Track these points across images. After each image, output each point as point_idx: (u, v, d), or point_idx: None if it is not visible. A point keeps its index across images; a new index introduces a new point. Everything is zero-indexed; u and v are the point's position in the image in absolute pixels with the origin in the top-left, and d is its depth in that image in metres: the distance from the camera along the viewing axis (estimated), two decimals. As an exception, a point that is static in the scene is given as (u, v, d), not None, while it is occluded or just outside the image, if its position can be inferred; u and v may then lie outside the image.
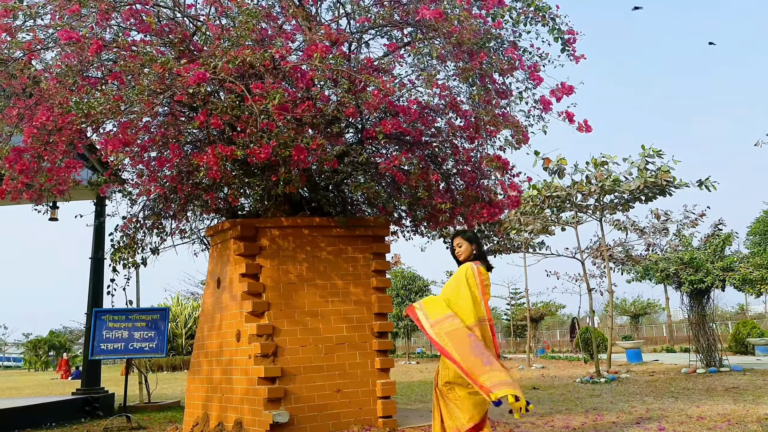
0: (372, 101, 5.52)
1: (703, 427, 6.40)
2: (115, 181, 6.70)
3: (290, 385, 6.02)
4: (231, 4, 5.26)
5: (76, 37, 5.17)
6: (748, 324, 19.62)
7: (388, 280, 6.71)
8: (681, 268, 12.42)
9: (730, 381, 10.96)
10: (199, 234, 7.43)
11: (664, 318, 37.32)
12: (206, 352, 6.86)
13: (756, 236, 21.87)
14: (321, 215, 6.66)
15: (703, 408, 7.87)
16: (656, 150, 14.63)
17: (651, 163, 14.80)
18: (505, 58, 5.81)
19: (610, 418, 7.41)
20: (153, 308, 9.02)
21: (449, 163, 6.99)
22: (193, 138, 6.12)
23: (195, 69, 4.93)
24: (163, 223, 7.22)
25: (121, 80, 5.28)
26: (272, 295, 6.23)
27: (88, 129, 5.70)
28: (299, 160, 5.39)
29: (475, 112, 6.28)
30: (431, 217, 6.77)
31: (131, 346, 8.44)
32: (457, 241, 5.22)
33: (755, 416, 6.94)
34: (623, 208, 16.39)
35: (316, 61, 4.99)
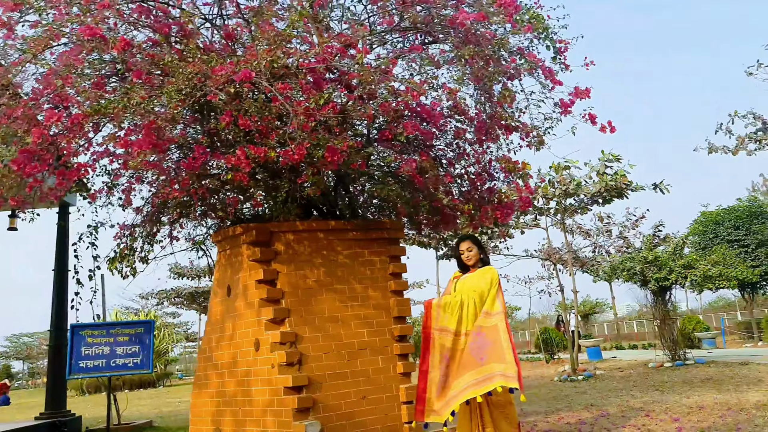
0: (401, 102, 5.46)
1: (712, 415, 6.62)
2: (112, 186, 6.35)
3: (317, 393, 5.83)
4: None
5: (100, 33, 4.86)
6: (693, 319, 20.54)
7: (405, 283, 6.63)
8: (646, 267, 12.87)
9: (701, 373, 11.43)
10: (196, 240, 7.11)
11: (611, 316, 38.64)
12: (215, 364, 6.57)
13: (695, 236, 22.99)
14: (332, 218, 6.51)
15: (695, 398, 8.16)
16: (615, 155, 15.14)
17: (609, 168, 15.32)
18: (528, 62, 5.86)
19: (615, 411, 7.57)
20: (136, 321, 8.62)
21: (457, 166, 6.99)
22: (209, 141, 5.85)
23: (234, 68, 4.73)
24: (160, 230, 6.90)
25: (148, 79, 4.99)
26: (291, 301, 6.03)
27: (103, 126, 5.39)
28: (332, 161, 5.25)
29: (491, 113, 6.31)
30: (446, 219, 6.74)
31: (113, 362, 7.94)
32: (467, 245, 5.26)
33: (750, 404, 7.25)
34: (582, 211, 16.90)
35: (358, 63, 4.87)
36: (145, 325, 8.23)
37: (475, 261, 5.21)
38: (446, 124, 6.65)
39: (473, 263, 5.20)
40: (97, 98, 4.94)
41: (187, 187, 5.63)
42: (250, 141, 5.51)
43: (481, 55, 5.82)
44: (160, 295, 27.02)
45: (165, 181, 5.67)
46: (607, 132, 5.82)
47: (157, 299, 27.71)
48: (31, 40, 4.85)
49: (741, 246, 21.64)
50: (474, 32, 5.86)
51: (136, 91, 4.83)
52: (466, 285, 5.17)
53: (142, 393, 20.61)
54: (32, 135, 5.08)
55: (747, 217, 22.47)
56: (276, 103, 5.07)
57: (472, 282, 5.17)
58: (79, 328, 7.95)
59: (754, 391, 8.34)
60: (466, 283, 5.19)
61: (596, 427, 6.47)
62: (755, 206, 23.66)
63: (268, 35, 5.14)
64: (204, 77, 4.91)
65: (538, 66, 5.89)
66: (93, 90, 4.94)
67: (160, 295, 27.03)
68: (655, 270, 12.89)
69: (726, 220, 22.75)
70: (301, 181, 5.61)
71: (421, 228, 7.24)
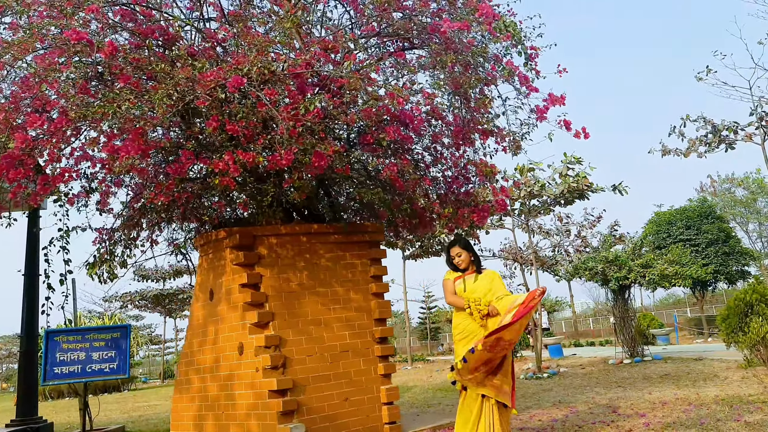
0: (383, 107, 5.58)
1: (675, 411, 6.93)
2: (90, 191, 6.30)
3: (301, 396, 5.91)
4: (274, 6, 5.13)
5: (86, 37, 4.84)
6: (648, 317, 21.22)
7: (386, 285, 6.75)
8: (607, 267, 13.30)
9: (659, 369, 11.87)
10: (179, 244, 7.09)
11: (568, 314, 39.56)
12: (197, 368, 6.57)
13: (649, 236, 23.79)
14: (313, 222, 6.59)
15: (656, 394, 8.50)
16: (576, 157, 15.58)
17: (571, 170, 15.77)
18: (505, 69, 6.05)
19: (584, 409, 7.83)
20: (113, 326, 8.44)
21: (435, 169, 7.15)
22: (195, 146, 5.86)
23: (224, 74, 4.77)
24: (140, 234, 6.86)
25: (136, 83, 4.99)
26: (275, 304, 6.10)
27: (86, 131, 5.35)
28: (318, 166, 5.34)
29: (469, 118, 6.49)
30: (424, 222, 6.89)
31: (89, 368, 7.85)
32: (456, 251, 5.33)
33: (710, 398, 7.60)
34: (545, 212, 17.33)
35: (347, 69, 4.96)
36: (121, 330, 8.15)
37: (467, 264, 5.32)
38: (425, 128, 6.81)
39: (465, 267, 5.31)
40: (83, 103, 4.91)
41: (172, 192, 5.63)
42: (235, 146, 5.55)
43: (461, 62, 6.00)
44: (124, 297, 26.53)
45: (150, 185, 5.66)
46: (581, 137, 6.05)
47: (121, 302, 27.19)
48: (13, 43, 4.79)
49: (692, 245, 22.51)
50: (455, 40, 6.03)
51: (125, 96, 4.83)
52: (478, 289, 5.21)
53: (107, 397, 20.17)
54: (15, 140, 5.03)
55: (698, 217, 23.38)
56: (262, 108, 5.13)
57: (483, 286, 5.22)
58: (53, 334, 7.83)
59: (711, 386, 8.73)
60: (479, 288, 5.22)
61: (568, 424, 6.70)
62: (705, 206, 24.64)
63: (258, 41, 5.19)
64: (192, 82, 4.94)
65: (515, 73, 6.08)
66: (79, 95, 4.91)
67: (124, 297, 26.54)
68: (615, 269, 13.34)
69: (678, 220, 23.62)
70: (286, 185, 5.68)
71: (399, 231, 7.38)
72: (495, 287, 5.16)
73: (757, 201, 42.72)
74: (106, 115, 4.79)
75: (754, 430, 5.26)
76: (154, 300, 26.38)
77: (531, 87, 6.32)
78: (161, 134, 6.05)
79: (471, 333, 5.03)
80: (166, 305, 26.96)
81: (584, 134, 6.06)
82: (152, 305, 27.03)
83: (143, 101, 4.89)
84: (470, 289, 5.23)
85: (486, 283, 5.20)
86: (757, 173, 42.42)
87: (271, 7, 6.33)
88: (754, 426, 5.39)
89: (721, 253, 22.38)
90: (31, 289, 9.40)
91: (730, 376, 9.44)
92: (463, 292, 5.19)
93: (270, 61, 4.87)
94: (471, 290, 5.21)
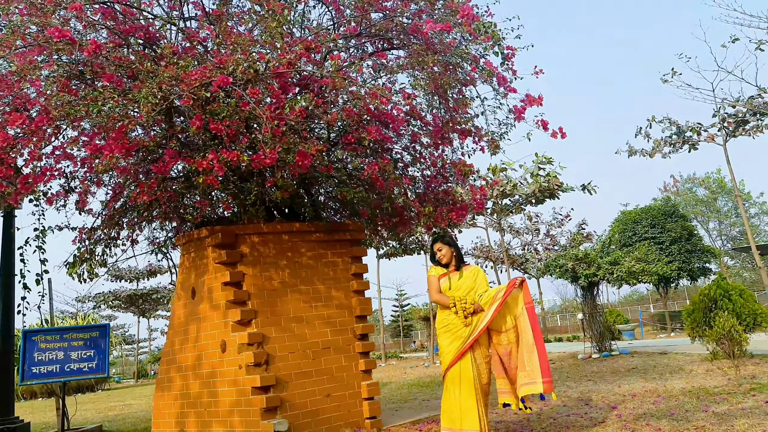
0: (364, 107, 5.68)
1: (645, 402, 7.17)
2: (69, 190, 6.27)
3: (283, 392, 5.98)
4: (257, 7, 5.17)
5: (69, 35, 4.83)
6: (614, 312, 21.74)
7: (367, 283, 6.85)
8: (576, 264, 13.62)
9: (626, 363, 12.20)
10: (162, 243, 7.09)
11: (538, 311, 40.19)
12: (179, 366, 6.59)
13: (616, 235, 24.35)
14: (294, 221, 6.66)
15: (625, 387, 8.77)
16: (547, 157, 15.89)
17: (542, 169, 16.08)
18: (485, 70, 6.19)
19: (557, 402, 8.03)
20: (91, 325, 8.36)
21: (414, 169, 7.28)
22: (178, 145, 5.89)
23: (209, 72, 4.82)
24: (120, 234, 6.84)
25: (119, 82, 5.00)
26: (257, 302, 6.15)
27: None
28: (302, 165, 5.41)
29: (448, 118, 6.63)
30: (404, 221, 7.01)
31: (68, 367, 7.79)
32: (438, 246, 5.39)
33: (677, 390, 7.88)
34: (516, 211, 17.62)
35: (332, 69, 5.05)
36: (100, 329, 8.09)
37: (449, 259, 5.37)
38: (405, 128, 6.92)
39: (447, 262, 5.36)
40: (65, 101, 4.91)
41: (154, 191, 5.65)
42: (217, 145, 5.59)
43: (441, 63, 6.13)
44: (98, 298, 26.13)
45: (132, 184, 5.66)
46: (558, 137, 6.23)
47: (94, 302, 26.77)
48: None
49: (657, 243, 23.11)
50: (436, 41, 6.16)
51: (108, 95, 4.84)
52: (463, 286, 5.28)
53: (82, 397, 19.83)
54: (-3, 138, 5.00)
55: (662, 215, 24.01)
56: (246, 107, 5.18)
57: (467, 283, 5.29)
58: (31, 334, 7.75)
59: (677, 379, 9.03)
60: (462, 285, 5.29)
61: (543, 417, 6.89)
62: (669, 206, 25.32)
63: (240, 40, 5.24)
64: (176, 81, 4.96)
65: (494, 74, 6.23)
66: (61, 93, 4.90)
67: (97, 298, 26.14)
68: (584, 267, 13.66)
69: (643, 218, 24.22)
70: (269, 184, 5.74)
71: (378, 229, 7.49)
72: (478, 284, 5.27)
73: (717, 200, 43.99)
74: (89, 113, 4.80)
75: (721, 420, 5.49)
76: (127, 300, 26.07)
77: (510, 88, 6.48)
78: (142, 133, 6.05)
79: (455, 327, 5.16)
80: (140, 305, 26.67)
81: (561, 134, 6.23)
82: (126, 305, 26.70)
83: (127, 100, 4.91)
84: (455, 287, 5.29)
85: (470, 281, 5.29)
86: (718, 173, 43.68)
87: (252, 6, 6.38)
88: (722, 416, 5.63)
89: (684, 250, 23.03)
90: (7, 289, 9.25)
91: (694, 369, 9.77)
92: (448, 290, 5.28)
93: (255, 60, 4.91)
94: (456, 287, 5.28)
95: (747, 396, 6.60)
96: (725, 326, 8.07)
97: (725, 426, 5.23)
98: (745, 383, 7.50)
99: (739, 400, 6.41)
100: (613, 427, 5.73)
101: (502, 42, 6.67)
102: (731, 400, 6.46)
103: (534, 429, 6.04)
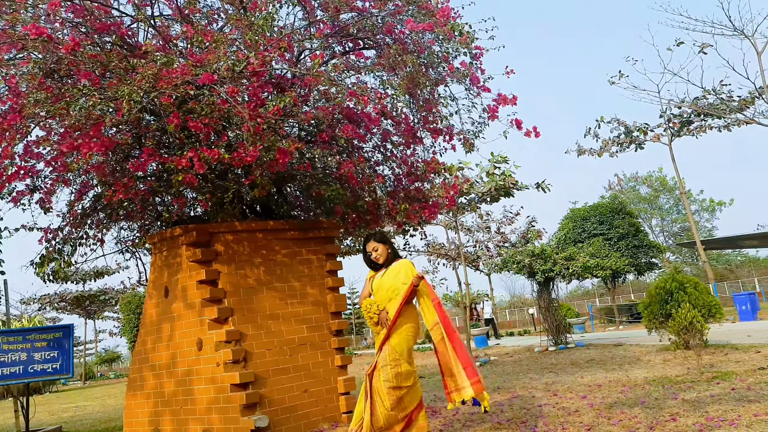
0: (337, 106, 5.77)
1: (613, 392, 7.43)
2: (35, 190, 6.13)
3: (262, 389, 5.99)
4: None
5: (46, 32, 4.74)
6: (564, 306, 22.34)
7: (341, 280, 6.91)
8: (533, 260, 13.98)
9: (583, 355, 12.60)
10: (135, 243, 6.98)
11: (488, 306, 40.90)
12: (152, 366, 6.51)
13: (561, 231, 25.06)
14: (268, 218, 6.67)
15: (588, 378, 9.07)
16: (503, 156, 16.22)
17: (498, 168, 16.40)
18: (460, 70, 6.34)
19: (524, 393, 8.27)
20: (54, 326, 8.15)
21: (385, 167, 7.38)
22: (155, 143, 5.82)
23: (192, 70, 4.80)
24: (87, 233, 6.71)
25: (96, 80, 4.93)
26: (233, 300, 6.14)
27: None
28: (282, 162, 5.44)
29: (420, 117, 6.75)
30: (375, 218, 7.10)
31: (31, 368, 7.60)
32: (372, 246, 4.97)
33: (640, 380, 8.20)
34: (471, 209, 17.91)
35: (313, 68, 5.10)
36: (63, 330, 7.93)
37: (385, 258, 4.95)
38: (378, 127, 7.01)
39: (383, 261, 4.94)
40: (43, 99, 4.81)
41: (129, 189, 5.58)
42: (194, 143, 5.57)
43: (415, 62, 6.24)
44: (43, 300, 25.26)
45: (105, 182, 5.57)
46: (531, 136, 6.41)
47: (39, 304, 25.86)
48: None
49: (606, 239, 23.89)
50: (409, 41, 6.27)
51: (88, 92, 4.77)
52: (384, 286, 4.87)
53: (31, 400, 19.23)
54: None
55: (609, 212, 24.82)
56: (225, 105, 5.18)
57: (388, 281, 4.86)
58: (-8, 336, 7.53)
59: (637, 369, 9.40)
60: (383, 284, 4.88)
61: (515, 407, 7.08)
62: (617, 203, 26.19)
63: (220, 38, 5.23)
64: (155, 79, 4.92)
65: (469, 74, 6.37)
66: (40, 91, 4.80)
67: (42, 300, 25.27)
68: (541, 262, 14.04)
69: (592, 215, 24.99)
70: (247, 182, 5.74)
71: (349, 227, 7.55)
72: (397, 283, 4.78)
73: (659, 198, 45.67)
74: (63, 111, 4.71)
75: (694, 407, 5.75)
76: (74, 302, 25.33)
77: (484, 87, 6.64)
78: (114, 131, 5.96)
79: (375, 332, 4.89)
80: (87, 307, 25.94)
81: (535, 133, 6.41)
82: (72, 307, 25.94)
83: (106, 97, 4.85)
84: (377, 288, 4.88)
85: (390, 278, 4.83)
86: (659, 172, 45.35)
87: (222, 6, 6.36)
88: (693, 403, 5.90)
89: (631, 246, 23.88)
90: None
91: (652, 360, 10.18)
92: (369, 294, 4.91)
93: (239, 59, 4.92)
94: (377, 288, 4.87)
95: (712, 384, 6.94)
96: (687, 317, 8.45)
97: (699, 412, 5.48)
98: (706, 372, 7.87)
99: (705, 387, 6.73)
100: (588, 415, 5.94)
101: (472, 42, 6.83)
102: (697, 387, 6.77)
103: (509, 419, 6.21)
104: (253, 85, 5.35)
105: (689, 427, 5.05)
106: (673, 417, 5.46)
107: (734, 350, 10.05)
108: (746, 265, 44.88)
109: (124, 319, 25.28)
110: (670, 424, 5.25)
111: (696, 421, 5.23)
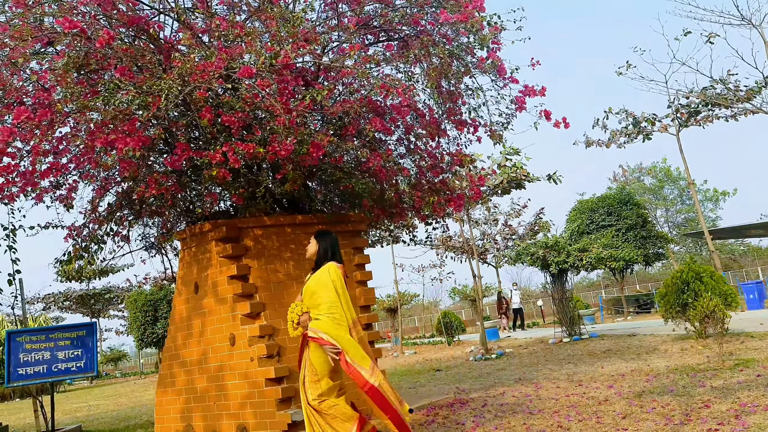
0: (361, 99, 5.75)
1: (638, 381, 7.45)
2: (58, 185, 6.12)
3: (295, 383, 5.98)
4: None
5: (80, 26, 4.71)
6: (574, 298, 22.36)
7: (370, 273, 6.90)
8: (547, 252, 13.97)
9: (599, 346, 12.62)
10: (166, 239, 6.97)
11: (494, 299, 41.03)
12: (183, 362, 6.51)
13: (573, 223, 25.05)
14: (296, 213, 6.65)
15: (609, 368, 9.09)
16: (515, 148, 16.20)
17: (509, 160, 16.38)
18: (492, 62, 6.31)
19: (549, 384, 8.28)
20: (77, 324, 8.15)
21: (405, 160, 7.36)
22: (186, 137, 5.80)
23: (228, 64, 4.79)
24: (113, 230, 6.70)
25: (131, 74, 4.90)
26: (264, 295, 6.14)
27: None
28: (316, 156, 5.42)
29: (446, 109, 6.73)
30: (401, 211, 7.09)
31: (55, 367, 7.60)
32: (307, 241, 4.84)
33: (662, 369, 8.21)
34: (483, 202, 17.88)
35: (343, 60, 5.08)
36: (86, 328, 7.93)
37: (312, 255, 4.74)
38: (403, 120, 6.99)
39: (309, 258, 4.78)
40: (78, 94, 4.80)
41: (161, 185, 5.57)
42: (226, 138, 5.55)
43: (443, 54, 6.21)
44: (47, 299, 25.25)
45: (139, 179, 5.55)
46: (561, 127, 6.38)
47: (44, 303, 25.85)
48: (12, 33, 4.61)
49: (615, 230, 23.89)
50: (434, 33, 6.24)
51: (125, 88, 4.75)
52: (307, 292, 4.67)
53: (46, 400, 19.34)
54: (1, 133, 4.85)
55: (617, 203, 24.80)
56: (257, 99, 5.16)
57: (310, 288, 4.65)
58: (15, 335, 7.52)
59: (656, 359, 9.41)
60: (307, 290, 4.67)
61: (543, 398, 7.10)
62: (624, 194, 26.17)
63: (253, 31, 5.21)
64: (191, 73, 4.90)
65: (497, 65, 6.34)
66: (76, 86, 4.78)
67: (47, 299, 25.26)
68: (555, 254, 14.03)
69: (600, 207, 24.98)
70: (280, 176, 5.73)
71: (375, 221, 7.54)
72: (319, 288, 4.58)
73: (663, 188, 45.66)
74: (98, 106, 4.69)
75: (723, 393, 5.76)
76: (78, 300, 25.34)
77: (512, 78, 6.59)
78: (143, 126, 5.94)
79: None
80: (92, 306, 25.97)
81: (564, 124, 6.37)
82: (77, 306, 25.95)
83: (142, 92, 4.82)
84: (304, 291, 4.68)
85: (312, 283, 4.63)
86: (664, 162, 45.34)
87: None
88: (722, 390, 5.91)
89: (640, 236, 23.88)
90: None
91: (669, 349, 10.19)
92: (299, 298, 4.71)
93: (277, 52, 4.90)
94: (304, 291, 4.68)
95: (735, 371, 6.94)
96: (709, 306, 8.45)
97: (731, 399, 5.48)
98: (727, 359, 7.87)
99: (730, 375, 6.73)
100: (619, 404, 5.94)
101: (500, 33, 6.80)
102: (722, 375, 6.78)
103: (540, 409, 6.21)
104: (286, 78, 5.33)
105: (724, 413, 5.05)
106: (705, 404, 5.47)
107: (750, 338, 10.06)
108: (749, 254, 44.94)
109: (130, 317, 25.28)
110: (704, 410, 5.25)
111: (729, 407, 5.23)
